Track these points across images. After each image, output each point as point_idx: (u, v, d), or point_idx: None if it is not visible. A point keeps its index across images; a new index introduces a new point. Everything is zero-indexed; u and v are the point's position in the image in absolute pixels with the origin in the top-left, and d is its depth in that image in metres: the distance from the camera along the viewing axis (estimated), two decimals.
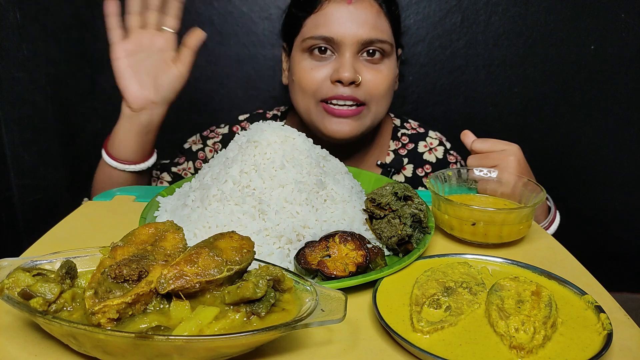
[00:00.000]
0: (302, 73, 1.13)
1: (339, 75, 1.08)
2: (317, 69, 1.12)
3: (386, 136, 1.32)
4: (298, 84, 1.15)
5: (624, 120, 1.65)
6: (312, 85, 1.12)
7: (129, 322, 0.48)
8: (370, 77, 1.11)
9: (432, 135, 1.33)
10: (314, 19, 1.12)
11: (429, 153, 1.30)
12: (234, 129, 1.34)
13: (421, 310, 0.58)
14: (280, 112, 1.38)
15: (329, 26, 1.09)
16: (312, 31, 1.11)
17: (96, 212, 0.93)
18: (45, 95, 1.67)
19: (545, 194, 0.83)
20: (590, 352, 0.51)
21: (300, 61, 1.14)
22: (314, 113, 1.15)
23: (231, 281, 0.53)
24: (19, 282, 0.51)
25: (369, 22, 1.09)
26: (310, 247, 0.69)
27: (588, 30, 1.58)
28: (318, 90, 1.12)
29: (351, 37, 1.08)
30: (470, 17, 1.58)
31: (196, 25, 1.60)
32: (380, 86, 1.13)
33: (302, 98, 1.15)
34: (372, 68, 1.12)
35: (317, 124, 1.15)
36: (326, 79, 1.11)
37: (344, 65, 1.08)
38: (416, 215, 0.75)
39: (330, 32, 1.09)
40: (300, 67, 1.14)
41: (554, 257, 0.78)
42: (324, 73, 1.11)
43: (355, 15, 1.09)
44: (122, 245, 0.55)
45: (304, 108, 1.16)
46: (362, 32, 1.08)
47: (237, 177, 0.78)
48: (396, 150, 1.30)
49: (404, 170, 1.29)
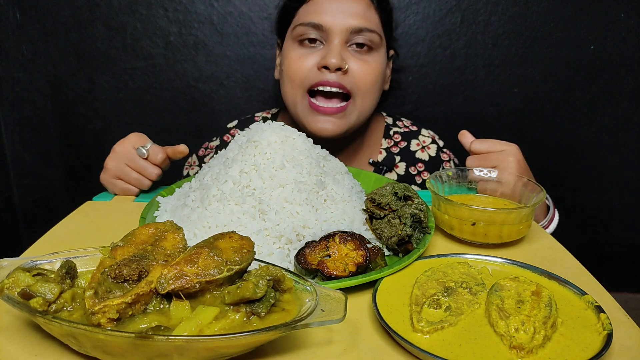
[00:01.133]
0: (291, 61, 1.14)
1: (325, 61, 1.09)
2: (306, 57, 1.13)
3: (378, 134, 1.32)
4: (286, 72, 1.16)
5: (624, 120, 1.65)
6: (300, 73, 1.13)
7: (129, 322, 0.48)
8: (357, 66, 1.12)
9: (425, 134, 1.33)
10: (305, 8, 1.14)
11: (421, 151, 1.30)
12: (225, 139, 1.34)
13: (421, 310, 0.58)
14: (271, 114, 1.39)
15: (319, 13, 1.11)
16: (303, 19, 1.13)
17: (96, 212, 0.93)
18: (45, 95, 1.67)
19: (545, 194, 0.83)
20: (590, 352, 0.51)
21: (290, 51, 1.15)
22: (300, 107, 1.15)
23: (231, 281, 0.53)
24: (19, 282, 0.51)
25: (358, 12, 1.12)
26: (310, 247, 0.69)
27: (588, 30, 1.58)
28: (306, 78, 1.12)
29: (340, 25, 1.10)
30: (470, 17, 1.58)
31: (196, 25, 1.61)
32: (367, 77, 1.13)
33: (290, 89, 1.16)
34: (359, 58, 1.13)
35: (302, 119, 1.16)
36: (314, 67, 1.12)
37: (331, 51, 1.09)
38: (416, 215, 0.75)
39: (319, 19, 1.11)
40: (290, 57, 1.15)
41: (554, 257, 0.78)
42: (312, 61, 1.12)
43: (346, 6, 1.11)
44: (122, 245, 0.55)
45: (291, 100, 1.17)
46: (350, 21, 1.10)
47: (237, 177, 0.78)
48: (388, 148, 1.30)
49: (397, 168, 1.29)
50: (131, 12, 1.58)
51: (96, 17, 1.58)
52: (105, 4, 1.57)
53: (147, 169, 1.00)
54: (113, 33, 1.60)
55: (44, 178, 1.77)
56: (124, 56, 1.63)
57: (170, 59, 1.64)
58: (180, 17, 1.60)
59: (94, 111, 1.68)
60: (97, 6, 1.58)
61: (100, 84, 1.65)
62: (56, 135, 1.72)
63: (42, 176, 1.77)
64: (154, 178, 1.02)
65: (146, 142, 1.02)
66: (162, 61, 1.64)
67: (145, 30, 1.60)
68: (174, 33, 1.61)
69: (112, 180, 1.02)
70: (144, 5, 1.58)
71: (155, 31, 1.60)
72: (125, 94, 1.66)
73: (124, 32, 1.60)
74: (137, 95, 1.67)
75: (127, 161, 1.00)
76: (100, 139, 1.70)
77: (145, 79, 1.65)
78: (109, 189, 1.04)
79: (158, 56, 1.63)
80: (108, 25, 1.59)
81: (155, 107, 1.69)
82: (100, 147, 1.71)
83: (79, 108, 1.69)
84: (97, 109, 1.68)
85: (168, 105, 1.69)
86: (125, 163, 1.00)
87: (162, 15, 1.59)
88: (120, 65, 1.64)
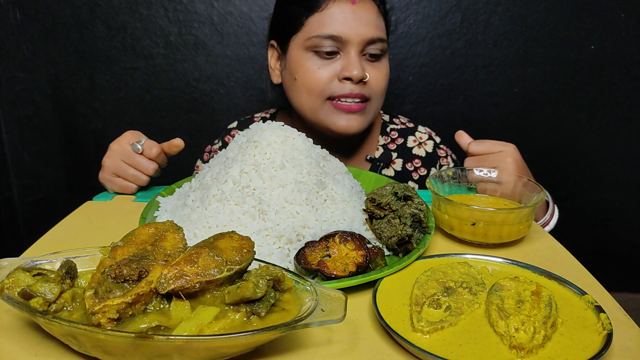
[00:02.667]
0: (309, 73, 1.14)
1: (349, 73, 1.10)
2: (324, 68, 1.14)
3: (375, 131, 1.33)
4: (304, 83, 1.16)
5: (624, 120, 1.65)
6: (320, 84, 1.14)
7: (129, 322, 0.48)
8: (373, 74, 1.15)
9: (422, 130, 1.34)
10: (317, 17, 1.13)
11: (418, 147, 1.30)
12: (226, 140, 1.34)
13: (421, 310, 0.58)
14: (270, 114, 1.39)
15: (335, 25, 1.11)
16: (318, 30, 1.12)
17: (96, 212, 0.93)
18: (45, 95, 1.67)
19: (544, 195, 0.83)
20: (590, 352, 0.51)
21: (304, 61, 1.15)
22: (321, 111, 1.16)
23: (231, 281, 0.53)
24: (19, 282, 0.51)
25: (371, 21, 1.13)
26: (310, 247, 0.69)
27: (588, 30, 1.58)
28: (326, 88, 1.14)
29: (357, 36, 1.11)
30: (470, 17, 1.58)
31: (196, 25, 1.61)
32: (381, 83, 1.17)
33: (307, 97, 1.16)
34: (373, 66, 1.16)
35: (326, 121, 1.17)
36: (333, 78, 1.13)
37: (352, 63, 1.11)
38: (416, 215, 0.75)
39: (337, 30, 1.11)
40: (306, 67, 1.15)
41: (554, 257, 0.78)
42: (330, 71, 1.13)
43: (359, 15, 1.12)
44: (122, 245, 0.55)
45: (309, 107, 1.17)
46: (366, 32, 1.12)
47: (237, 177, 0.78)
48: (385, 145, 1.31)
49: (393, 165, 1.29)
50: (131, 12, 1.59)
51: (96, 17, 1.59)
52: (106, 4, 1.58)
53: (143, 164, 1.01)
54: (113, 33, 1.60)
55: (44, 178, 1.77)
56: (124, 56, 1.63)
57: (170, 59, 1.64)
58: (180, 17, 1.60)
59: (94, 111, 1.69)
60: (97, 6, 1.58)
61: (100, 84, 1.66)
62: (56, 135, 1.72)
63: (42, 176, 1.77)
64: (150, 173, 1.02)
65: (141, 138, 1.02)
66: (162, 61, 1.64)
67: (146, 30, 1.60)
68: (174, 33, 1.61)
69: (110, 178, 1.02)
70: (144, 5, 1.58)
71: (155, 31, 1.61)
72: (126, 94, 1.67)
73: (124, 32, 1.60)
74: (137, 95, 1.67)
75: (123, 158, 1.00)
76: (100, 139, 1.70)
77: (146, 79, 1.66)
78: (108, 188, 1.04)
79: (158, 56, 1.63)
80: (108, 25, 1.60)
81: (155, 107, 1.69)
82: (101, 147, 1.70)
83: (79, 108, 1.69)
84: (97, 109, 1.68)
85: (168, 105, 1.69)
86: (121, 160, 1.00)
87: (162, 15, 1.59)
88: (120, 65, 1.64)
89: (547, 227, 1.04)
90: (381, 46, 1.15)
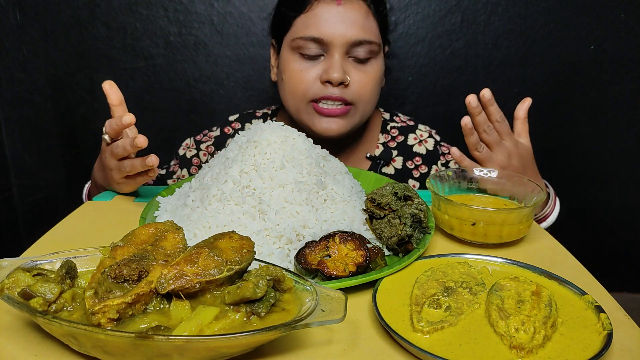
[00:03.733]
0: (293, 74, 1.14)
1: (328, 76, 1.09)
2: (307, 70, 1.13)
3: (375, 130, 1.33)
4: (288, 84, 1.16)
5: (623, 120, 1.65)
6: (302, 86, 1.13)
7: (129, 322, 0.48)
8: (357, 78, 1.13)
9: (422, 128, 1.34)
10: (303, 19, 1.13)
11: (418, 145, 1.30)
12: (226, 131, 1.34)
13: (421, 310, 0.58)
14: (271, 110, 1.39)
15: (319, 26, 1.10)
16: (302, 31, 1.12)
17: (96, 212, 0.93)
18: (45, 96, 1.67)
19: (544, 195, 0.83)
20: (590, 352, 0.51)
21: (290, 62, 1.15)
22: (304, 113, 1.16)
23: (231, 281, 0.53)
24: (19, 282, 0.51)
25: (357, 22, 1.10)
26: (310, 247, 0.69)
27: (588, 31, 1.58)
28: (308, 90, 1.13)
29: (340, 37, 1.09)
30: (470, 17, 1.58)
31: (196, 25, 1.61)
32: (367, 87, 1.15)
33: (292, 98, 1.17)
34: (359, 69, 1.14)
35: (307, 122, 1.17)
36: (316, 80, 1.13)
37: (333, 66, 1.10)
38: (416, 215, 0.75)
39: (319, 32, 1.10)
40: (290, 68, 1.15)
41: (554, 257, 0.78)
42: (314, 74, 1.13)
43: (345, 16, 1.10)
44: (122, 245, 0.55)
45: (293, 107, 1.18)
46: (351, 33, 1.10)
47: (237, 177, 0.78)
48: (385, 142, 1.31)
49: (394, 163, 1.29)
50: (131, 12, 1.59)
51: (96, 18, 1.59)
52: (106, 4, 1.58)
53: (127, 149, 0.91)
54: (113, 33, 1.60)
55: (44, 178, 1.77)
56: (124, 56, 1.63)
57: (170, 59, 1.64)
58: (180, 17, 1.60)
59: (94, 111, 1.68)
60: (97, 6, 1.58)
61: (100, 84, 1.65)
62: (56, 135, 1.72)
63: (42, 176, 1.77)
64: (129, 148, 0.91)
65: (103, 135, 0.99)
66: (162, 61, 1.64)
67: (146, 30, 1.60)
68: (174, 33, 1.61)
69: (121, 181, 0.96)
70: (144, 5, 1.58)
71: (155, 31, 1.61)
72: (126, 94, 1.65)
73: (124, 32, 1.60)
74: (137, 95, 1.67)
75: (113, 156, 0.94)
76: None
77: (146, 79, 1.66)
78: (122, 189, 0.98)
79: (158, 56, 1.63)
80: (108, 25, 1.60)
81: (155, 107, 1.69)
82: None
83: (79, 108, 1.69)
84: (97, 109, 1.68)
85: (168, 105, 1.69)
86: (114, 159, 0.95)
87: (162, 16, 1.59)
88: (120, 66, 1.64)
89: (549, 220, 1.04)
90: (369, 48, 1.12)
